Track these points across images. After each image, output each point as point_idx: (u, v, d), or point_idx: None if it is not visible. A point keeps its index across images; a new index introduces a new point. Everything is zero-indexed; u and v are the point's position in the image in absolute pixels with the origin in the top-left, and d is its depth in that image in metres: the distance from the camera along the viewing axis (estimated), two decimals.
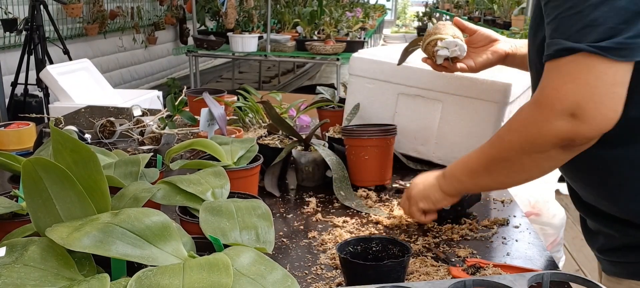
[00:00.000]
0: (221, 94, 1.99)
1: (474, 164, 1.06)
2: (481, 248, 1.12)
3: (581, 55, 0.84)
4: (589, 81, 0.84)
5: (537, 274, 0.80)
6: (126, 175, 1.08)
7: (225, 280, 0.66)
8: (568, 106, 0.86)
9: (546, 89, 0.89)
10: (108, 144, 1.74)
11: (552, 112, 0.87)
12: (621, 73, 0.85)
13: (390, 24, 21.81)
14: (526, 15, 5.55)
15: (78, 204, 0.76)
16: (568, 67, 0.86)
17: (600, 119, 0.85)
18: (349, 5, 7.31)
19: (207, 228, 0.86)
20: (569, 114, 0.86)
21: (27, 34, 4.30)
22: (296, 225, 1.23)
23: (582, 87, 0.85)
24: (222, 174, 1.07)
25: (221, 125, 1.61)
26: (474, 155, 1.06)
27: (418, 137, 1.58)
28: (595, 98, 0.84)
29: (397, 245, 0.97)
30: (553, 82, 0.88)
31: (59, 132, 0.79)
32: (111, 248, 0.69)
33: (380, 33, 14.05)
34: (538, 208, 2.41)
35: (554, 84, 0.88)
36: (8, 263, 0.67)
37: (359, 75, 1.63)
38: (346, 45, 5.03)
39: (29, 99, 4.42)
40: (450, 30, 1.32)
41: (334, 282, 0.98)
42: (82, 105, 2.44)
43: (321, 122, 1.62)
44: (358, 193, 1.39)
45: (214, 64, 8.92)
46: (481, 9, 8.75)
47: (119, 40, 6.52)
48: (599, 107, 0.85)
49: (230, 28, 5.41)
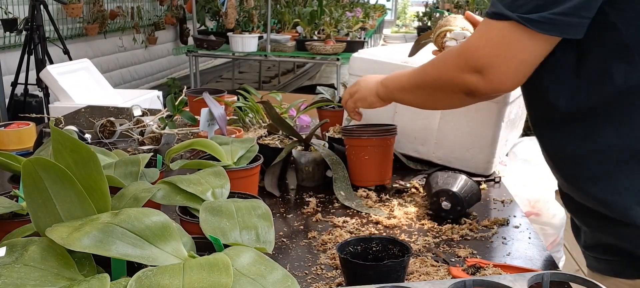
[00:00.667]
0: (221, 94, 1.99)
1: (403, 83, 1.20)
2: (481, 248, 1.12)
3: (510, 24, 0.92)
4: (506, 50, 0.94)
5: (537, 274, 0.80)
6: (126, 175, 1.08)
7: (225, 280, 0.66)
8: (478, 64, 0.97)
9: (471, 42, 1.00)
10: (108, 143, 1.74)
11: (466, 65, 0.99)
12: (540, 45, 0.92)
13: (390, 24, 21.80)
14: None
15: (78, 204, 0.76)
16: (495, 31, 0.95)
17: (499, 82, 0.96)
18: (349, 5, 7.31)
19: (207, 228, 0.86)
20: (476, 70, 0.97)
21: (27, 34, 4.29)
22: (296, 225, 1.23)
23: (498, 52, 0.94)
24: (222, 174, 1.07)
25: (221, 125, 1.61)
26: (405, 75, 1.20)
27: (418, 137, 1.58)
28: (501, 65, 0.95)
29: (397, 245, 0.97)
30: (478, 40, 0.99)
31: (59, 132, 0.79)
32: (111, 248, 0.69)
33: (380, 33, 14.04)
34: (538, 208, 2.41)
35: (477, 42, 0.99)
36: (8, 263, 0.67)
37: (359, 75, 1.63)
38: (346, 45, 5.03)
39: (29, 99, 4.42)
40: (460, 22, 1.33)
41: (334, 282, 0.98)
42: (82, 105, 2.45)
43: (321, 122, 1.62)
44: (358, 193, 1.39)
45: (214, 64, 8.91)
46: (481, 9, 8.74)
47: (119, 40, 6.51)
48: (500, 73, 0.95)
49: (230, 28, 5.40)
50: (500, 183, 1.49)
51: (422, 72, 1.14)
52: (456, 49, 1.04)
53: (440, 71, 1.08)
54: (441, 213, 1.25)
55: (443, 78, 1.06)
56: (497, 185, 1.48)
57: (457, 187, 1.25)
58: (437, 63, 1.10)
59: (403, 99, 1.25)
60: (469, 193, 1.25)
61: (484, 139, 1.48)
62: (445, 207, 1.23)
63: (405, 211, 1.29)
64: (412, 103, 1.24)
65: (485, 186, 1.46)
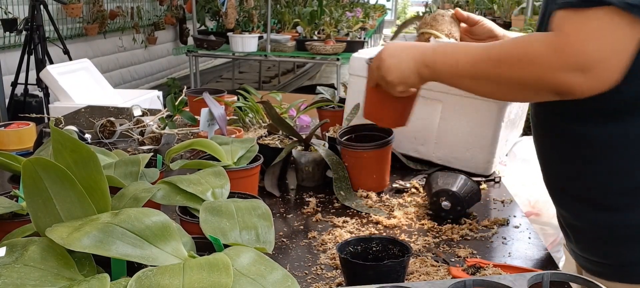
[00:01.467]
0: (221, 94, 1.99)
1: (463, 69, 0.99)
2: (481, 248, 1.12)
3: (610, 10, 0.81)
4: (613, 41, 0.82)
5: (537, 274, 0.80)
6: (126, 175, 1.08)
7: (225, 280, 0.66)
8: (585, 62, 0.83)
9: (571, 37, 0.84)
10: (108, 143, 1.74)
11: (566, 64, 0.85)
12: (638, 33, 0.83)
13: (390, 24, 21.80)
14: (526, 15, 5.55)
15: (78, 204, 0.76)
16: (596, 21, 0.82)
17: (606, 79, 0.84)
18: (349, 5, 7.31)
19: (207, 228, 0.86)
20: (581, 69, 0.84)
21: (27, 33, 4.30)
22: (296, 225, 1.23)
23: (606, 46, 0.82)
24: (222, 174, 1.07)
25: (221, 125, 1.61)
26: (464, 58, 0.99)
27: (418, 137, 1.58)
28: (611, 60, 0.83)
29: (397, 245, 0.97)
30: (580, 34, 0.83)
31: (59, 132, 0.79)
32: (111, 248, 0.69)
33: (380, 33, 14.03)
34: (538, 208, 2.40)
35: (580, 36, 0.83)
36: (8, 263, 0.67)
37: (359, 75, 1.63)
38: (346, 45, 5.03)
39: (29, 99, 4.42)
40: (446, 26, 1.29)
41: (334, 282, 0.98)
42: (82, 105, 2.45)
43: (321, 122, 1.62)
44: (358, 194, 1.39)
45: (214, 64, 8.91)
46: (481, 9, 8.74)
47: (118, 40, 6.52)
48: (610, 69, 0.83)
49: (230, 28, 5.41)
50: (500, 183, 1.49)
51: (495, 63, 0.95)
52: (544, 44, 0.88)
53: (526, 70, 0.90)
54: (441, 213, 1.25)
55: (530, 77, 0.90)
56: (497, 185, 1.48)
57: (457, 187, 1.25)
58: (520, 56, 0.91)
59: (459, 85, 1.04)
60: (469, 193, 1.25)
61: (484, 139, 1.48)
62: (445, 207, 1.23)
63: (405, 211, 1.29)
64: (470, 90, 1.05)
65: (485, 186, 1.46)
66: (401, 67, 1.07)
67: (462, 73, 1.00)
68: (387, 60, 1.08)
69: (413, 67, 1.06)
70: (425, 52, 1.05)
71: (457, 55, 1.01)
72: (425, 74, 1.05)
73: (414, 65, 1.06)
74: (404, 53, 1.07)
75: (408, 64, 1.06)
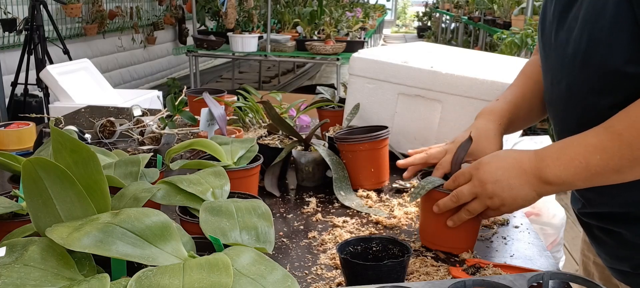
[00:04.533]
0: (221, 94, 1.99)
1: (597, 167, 0.86)
2: (481, 248, 1.12)
3: None
4: None
5: (537, 274, 0.80)
6: (126, 175, 1.08)
7: (225, 280, 0.66)
8: None
9: None
10: (108, 143, 1.74)
11: None
12: None
13: (390, 24, 21.82)
14: (526, 15, 5.54)
15: (78, 204, 0.76)
16: None
17: None
18: (349, 5, 7.31)
19: (207, 228, 0.86)
20: None
21: (27, 33, 4.30)
22: (296, 225, 1.23)
23: None
24: (222, 174, 1.07)
25: (221, 125, 1.61)
26: (594, 160, 0.86)
27: (418, 137, 1.58)
28: None
29: (397, 245, 0.97)
30: None
31: (59, 132, 0.79)
32: (111, 248, 0.69)
33: (380, 33, 14.05)
34: (538, 208, 2.41)
35: None
36: (8, 263, 0.67)
37: (359, 75, 1.63)
38: (346, 45, 5.04)
39: (29, 99, 4.43)
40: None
41: (334, 282, 0.98)
42: (82, 105, 2.45)
43: (321, 122, 1.62)
44: (358, 193, 1.39)
45: (214, 64, 8.92)
46: (481, 9, 8.74)
47: (118, 40, 6.52)
48: None
49: (230, 28, 5.41)
50: None
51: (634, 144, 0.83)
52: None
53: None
54: None
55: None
56: None
57: None
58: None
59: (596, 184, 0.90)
60: None
61: None
62: None
63: (405, 211, 1.29)
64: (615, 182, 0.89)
65: None
66: (518, 201, 0.95)
67: (599, 169, 0.87)
68: (500, 194, 0.96)
69: (529, 190, 0.94)
70: (535, 167, 0.93)
71: (580, 157, 0.88)
72: (548, 191, 0.93)
73: (529, 187, 0.94)
74: (509, 174, 0.95)
75: (525, 193, 0.94)
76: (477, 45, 9.69)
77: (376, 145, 1.39)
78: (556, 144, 0.93)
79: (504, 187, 0.95)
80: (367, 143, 1.38)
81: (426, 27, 17.41)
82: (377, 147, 1.40)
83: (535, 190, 0.93)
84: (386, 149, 1.43)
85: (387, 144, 1.43)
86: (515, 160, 0.95)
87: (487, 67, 1.61)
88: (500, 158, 0.97)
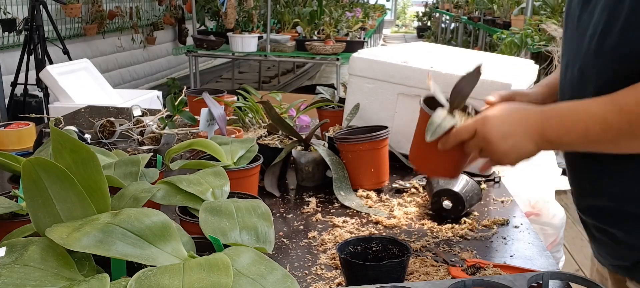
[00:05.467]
0: (221, 94, 1.99)
1: (596, 135, 0.88)
2: (481, 248, 1.12)
3: None
4: None
5: (537, 274, 0.80)
6: (126, 175, 1.08)
7: (225, 280, 0.66)
8: None
9: None
10: (108, 143, 1.74)
11: None
12: None
13: (390, 24, 21.82)
14: (526, 15, 5.54)
15: (78, 204, 0.76)
16: None
17: None
18: (349, 5, 7.31)
19: (207, 228, 0.86)
20: None
21: (27, 34, 4.30)
22: (296, 225, 1.23)
23: None
24: (222, 174, 1.07)
25: (221, 125, 1.61)
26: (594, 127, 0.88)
27: None
28: None
29: (397, 245, 0.97)
30: None
31: (58, 132, 0.79)
32: (111, 248, 0.69)
33: (380, 33, 14.05)
34: (538, 208, 2.41)
35: None
36: (8, 263, 0.67)
37: (358, 75, 1.63)
38: (346, 45, 5.03)
39: (29, 99, 4.42)
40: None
41: (334, 282, 0.98)
42: (82, 105, 2.45)
43: (321, 122, 1.62)
44: (358, 193, 1.39)
45: (214, 64, 8.92)
46: (481, 9, 8.74)
47: (117, 40, 6.52)
48: None
49: (230, 28, 5.41)
50: (500, 183, 1.49)
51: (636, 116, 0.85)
52: None
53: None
54: (442, 213, 1.25)
55: None
56: (497, 185, 1.48)
57: (459, 187, 1.25)
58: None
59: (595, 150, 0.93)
60: (470, 193, 1.26)
61: None
62: (446, 206, 1.23)
63: (405, 211, 1.29)
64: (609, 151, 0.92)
65: (485, 186, 1.46)
66: (519, 150, 0.97)
67: (596, 138, 0.89)
68: (501, 144, 0.98)
69: (532, 146, 0.96)
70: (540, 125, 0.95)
71: (581, 123, 0.90)
72: (548, 148, 0.97)
73: (533, 144, 0.96)
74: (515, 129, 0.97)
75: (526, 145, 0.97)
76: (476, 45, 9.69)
77: (376, 145, 1.39)
78: (562, 106, 0.96)
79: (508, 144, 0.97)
80: (367, 143, 1.38)
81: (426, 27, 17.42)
82: (377, 147, 1.40)
83: (537, 145, 0.96)
84: (386, 149, 1.43)
85: (387, 144, 1.43)
86: (522, 114, 0.98)
87: (487, 67, 1.60)
88: (507, 113, 0.99)
